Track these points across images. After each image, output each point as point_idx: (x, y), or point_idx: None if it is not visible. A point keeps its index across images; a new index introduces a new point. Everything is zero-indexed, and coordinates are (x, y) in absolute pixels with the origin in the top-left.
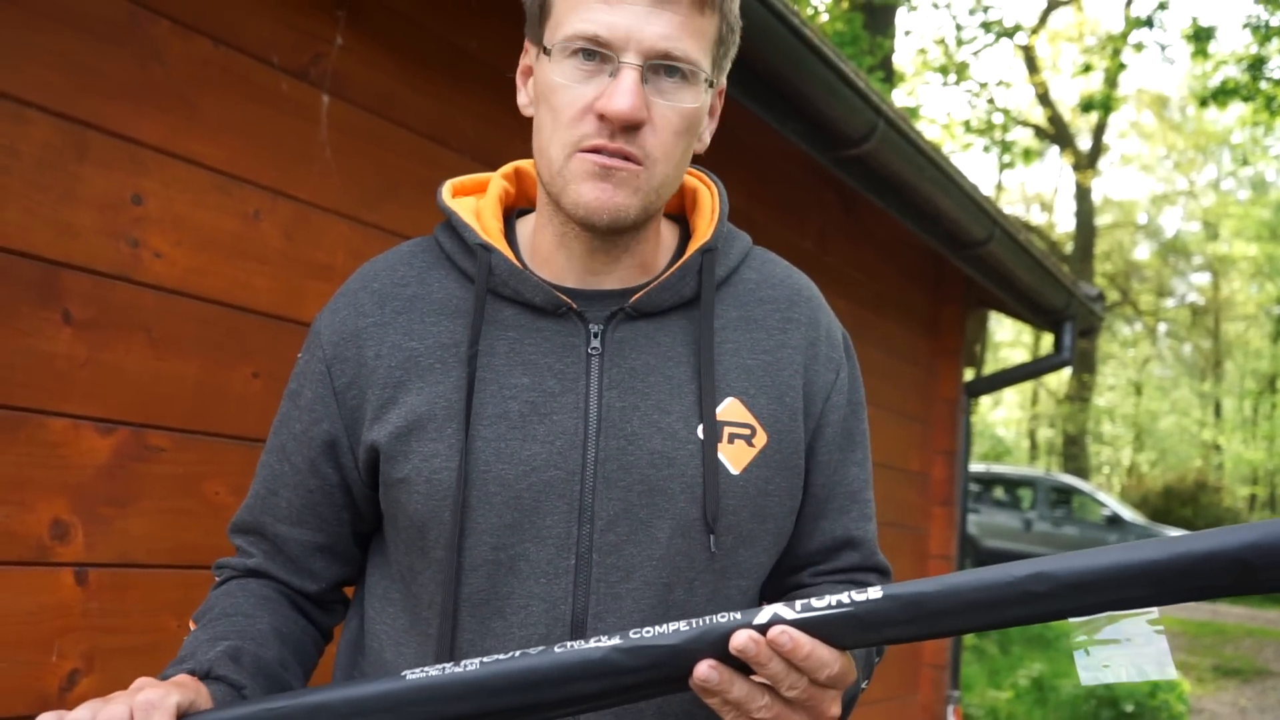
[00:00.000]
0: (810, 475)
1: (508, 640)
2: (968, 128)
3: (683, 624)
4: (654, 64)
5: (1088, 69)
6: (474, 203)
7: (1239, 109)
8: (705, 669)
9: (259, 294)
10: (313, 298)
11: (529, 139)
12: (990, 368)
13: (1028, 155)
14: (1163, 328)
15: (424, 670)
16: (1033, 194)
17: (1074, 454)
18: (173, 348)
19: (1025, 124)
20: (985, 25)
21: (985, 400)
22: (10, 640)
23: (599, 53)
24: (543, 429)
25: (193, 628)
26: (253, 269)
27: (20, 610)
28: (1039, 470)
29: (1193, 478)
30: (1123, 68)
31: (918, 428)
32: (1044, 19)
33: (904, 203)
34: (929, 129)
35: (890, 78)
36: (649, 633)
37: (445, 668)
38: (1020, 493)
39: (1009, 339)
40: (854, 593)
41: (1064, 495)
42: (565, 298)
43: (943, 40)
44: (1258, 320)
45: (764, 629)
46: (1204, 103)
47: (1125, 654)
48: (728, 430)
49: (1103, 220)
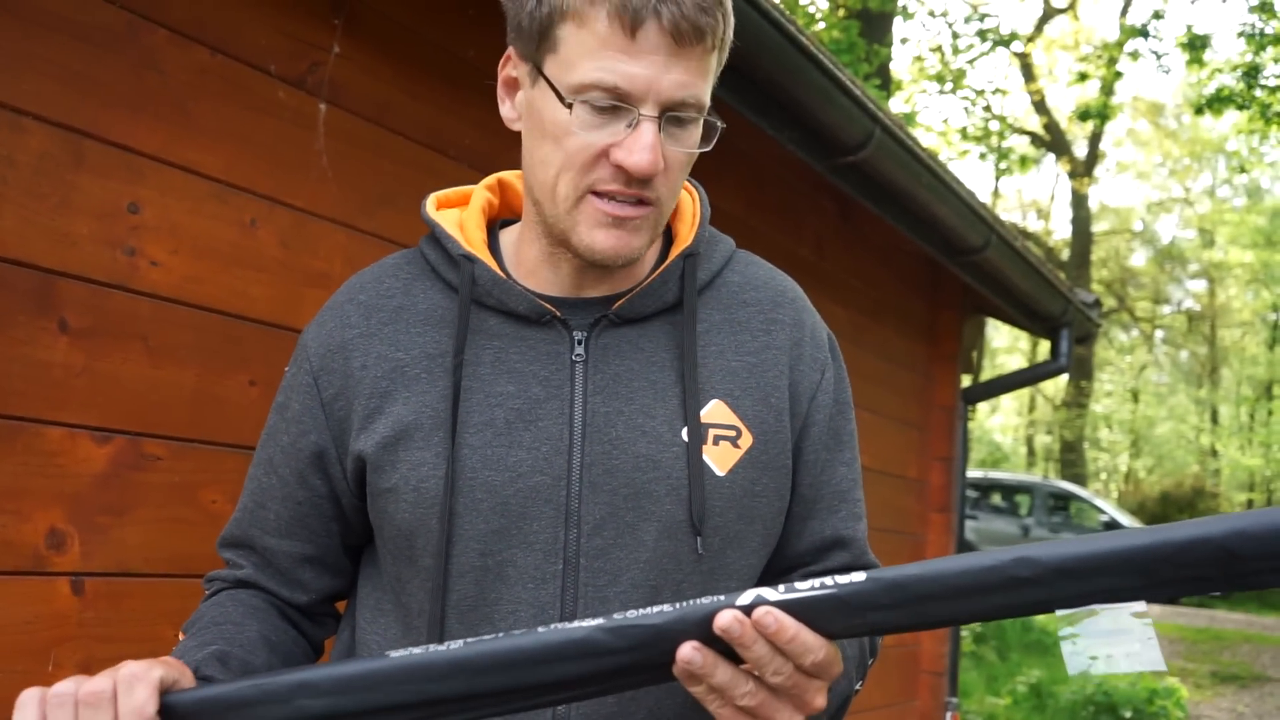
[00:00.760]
0: (798, 475)
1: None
2: (964, 135)
3: (668, 606)
4: (669, 114)
5: (1084, 78)
6: (457, 215)
7: (1234, 117)
8: (689, 650)
9: (256, 302)
10: (310, 306)
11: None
12: (987, 374)
13: (1024, 162)
14: (1159, 334)
15: (408, 649)
16: (1029, 201)
17: (1071, 460)
18: (169, 356)
19: (1022, 131)
20: (981, 33)
21: (983, 406)
22: (6, 649)
23: (616, 105)
24: (528, 435)
25: (182, 637)
26: (250, 277)
27: (16, 619)
28: (1036, 476)
29: (1190, 484)
30: (1118, 76)
31: (915, 434)
32: (1040, 27)
33: (901, 210)
34: (926, 136)
35: (887, 85)
36: (633, 614)
37: (429, 647)
38: (1018, 499)
39: (1006, 345)
40: (838, 575)
41: (1061, 501)
42: (549, 306)
43: (939, 48)
44: (1254, 327)
45: (748, 610)
46: (1199, 110)
47: (1112, 647)
48: (712, 432)
49: (1099, 227)
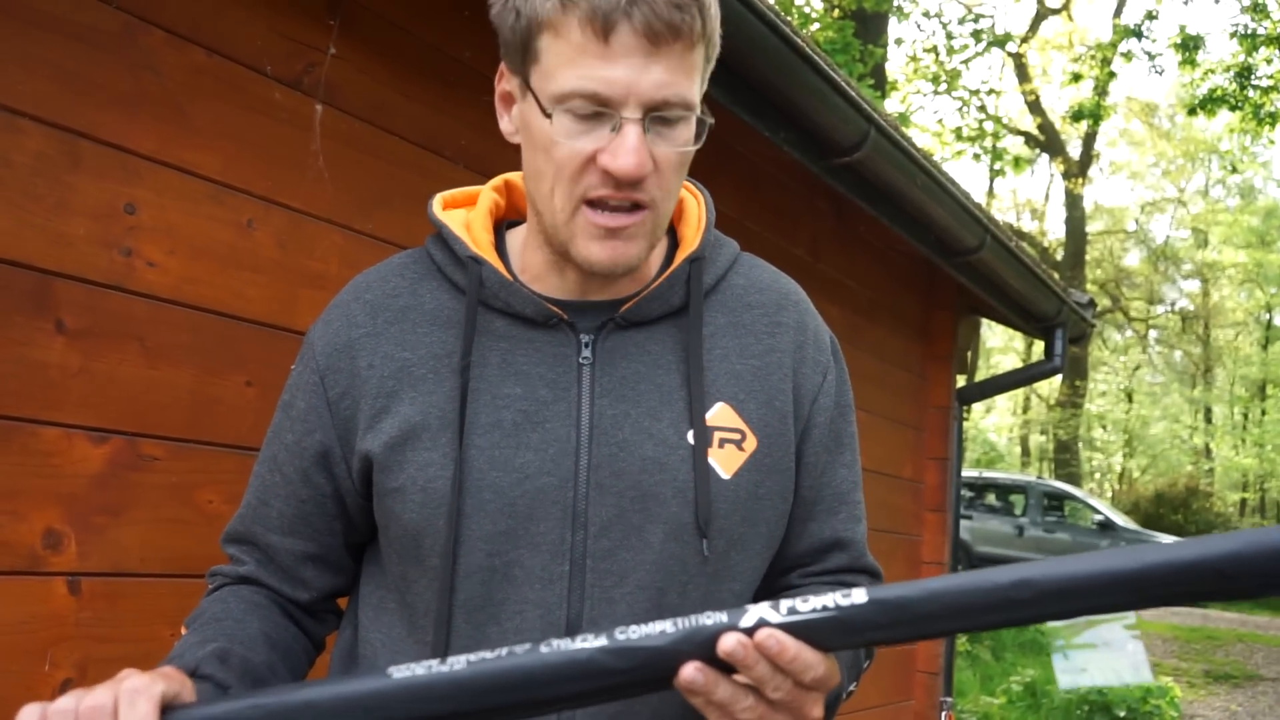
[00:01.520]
0: (799, 477)
1: (503, 646)
2: (959, 135)
3: (669, 624)
4: (654, 115)
5: (1077, 78)
6: (464, 215)
7: (1227, 117)
8: (691, 671)
9: (252, 303)
10: (306, 306)
11: (519, 150)
12: (982, 374)
13: (1018, 163)
14: (1153, 334)
15: (410, 668)
16: (1024, 201)
17: (1066, 460)
18: (166, 357)
19: (1016, 132)
20: (976, 34)
21: (977, 406)
22: (3, 650)
23: (598, 110)
24: (536, 437)
25: (184, 633)
26: (246, 278)
27: (13, 620)
28: (1031, 476)
29: (1184, 483)
30: (1112, 76)
31: (910, 434)
32: (1034, 28)
33: (896, 210)
34: (920, 137)
35: (882, 85)
36: (635, 633)
37: (431, 665)
38: (1013, 498)
39: (1000, 345)
40: (839, 596)
41: (1056, 501)
42: (556, 309)
43: (934, 48)
44: (1247, 327)
45: (750, 632)
46: (1193, 111)
47: (1103, 658)
48: (718, 435)
49: (1093, 227)
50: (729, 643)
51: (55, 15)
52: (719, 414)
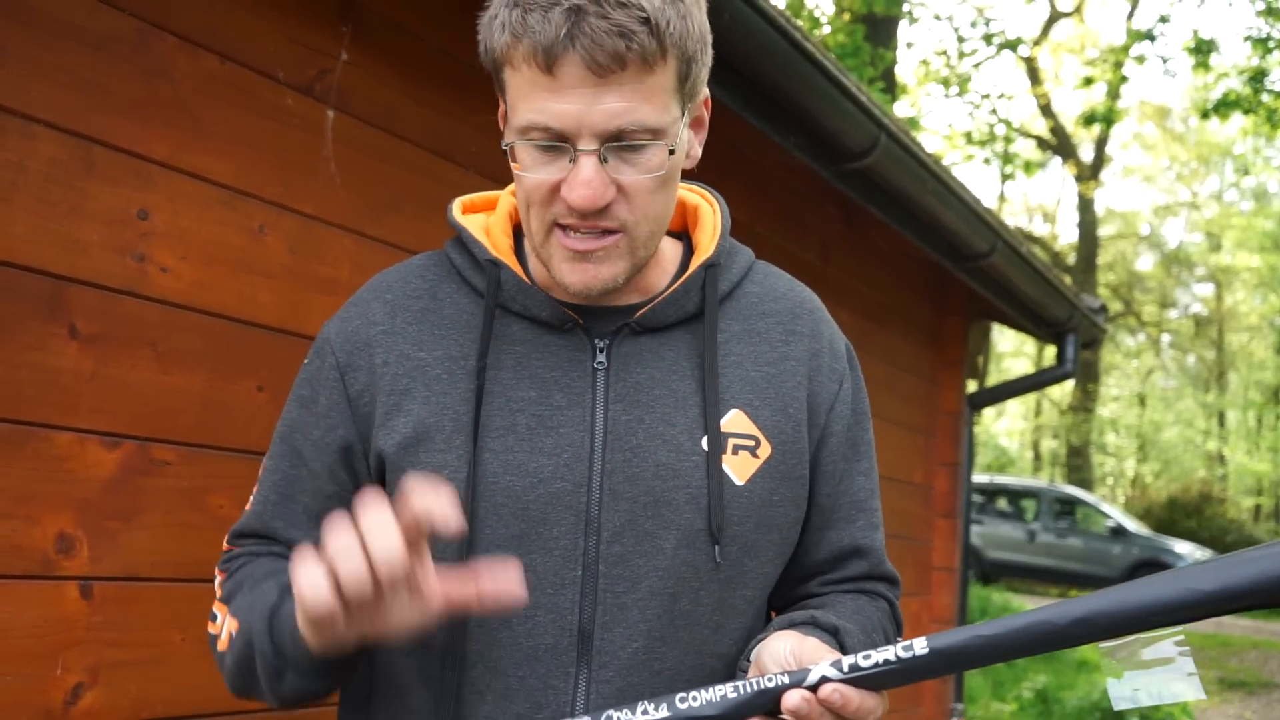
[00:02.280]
0: (816, 486)
1: (514, 650)
2: (970, 139)
3: (730, 689)
4: (611, 145)
5: (1089, 82)
6: (484, 219)
7: (1240, 121)
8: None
9: (264, 308)
10: (317, 311)
11: None
12: (993, 378)
13: (1030, 167)
14: (1166, 339)
15: None
16: (1035, 205)
17: (1078, 465)
18: (178, 362)
19: (1027, 135)
20: (987, 37)
21: (989, 411)
22: (15, 654)
23: (553, 144)
24: (550, 442)
25: (224, 609)
26: (258, 283)
27: (25, 624)
28: (1043, 481)
29: (1197, 489)
30: (1125, 80)
31: (921, 440)
32: (1046, 31)
33: (906, 215)
34: (931, 140)
35: (892, 89)
36: (697, 701)
37: None
38: (1024, 504)
39: (1012, 350)
40: (900, 650)
41: (1068, 506)
42: (572, 314)
43: (945, 52)
44: (1261, 331)
45: (814, 688)
46: (1206, 115)
47: (1153, 678)
48: (732, 442)
49: (1105, 231)
50: (793, 700)
51: (69, 22)
52: (733, 420)
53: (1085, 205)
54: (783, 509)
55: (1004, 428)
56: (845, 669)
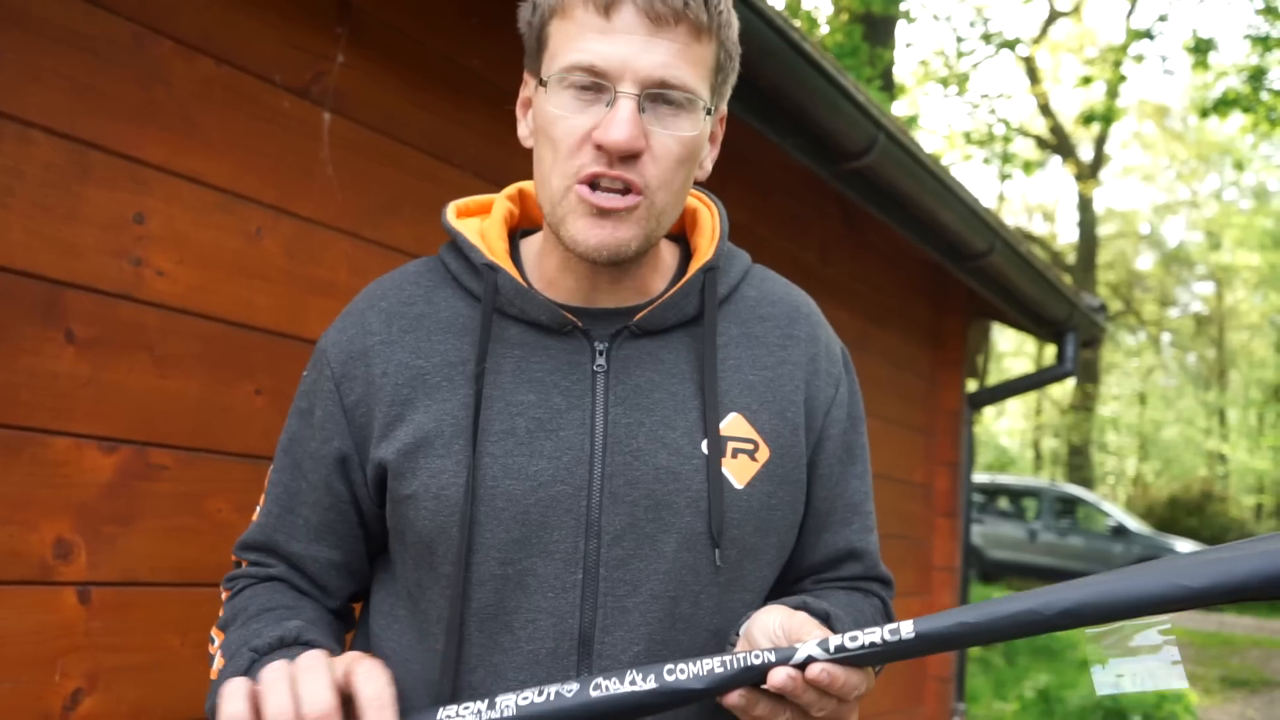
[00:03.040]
0: (812, 489)
1: (515, 655)
2: (969, 139)
3: (717, 663)
4: (651, 93)
5: (1088, 81)
6: (479, 223)
7: (1240, 119)
8: (734, 697)
9: (261, 311)
10: (315, 315)
11: (531, 157)
12: (994, 377)
13: (1029, 166)
14: (1166, 337)
15: (458, 711)
16: (1035, 204)
17: (1078, 464)
18: (175, 366)
19: (1026, 134)
20: (986, 37)
21: (989, 410)
22: (13, 660)
23: (596, 83)
24: (550, 445)
25: (220, 637)
26: (255, 286)
27: (23, 629)
28: (1043, 480)
29: (1198, 487)
30: (1123, 79)
31: (921, 439)
32: (1044, 30)
33: (905, 215)
34: (930, 140)
35: (890, 89)
36: (683, 674)
37: (479, 709)
38: (1025, 503)
39: (1012, 349)
40: (886, 632)
41: (1069, 505)
42: (571, 316)
43: (943, 52)
44: (1262, 330)
45: (800, 666)
46: (1205, 113)
47: (1138, 665)
48: (731, 445)
49: (1105, 230)
50: (779, 677)
51: (65, 26)
52: (732, 424)
53: (1084, 204)
54: (781, 512)
55: (1004, 427)
56: (831, 649)
